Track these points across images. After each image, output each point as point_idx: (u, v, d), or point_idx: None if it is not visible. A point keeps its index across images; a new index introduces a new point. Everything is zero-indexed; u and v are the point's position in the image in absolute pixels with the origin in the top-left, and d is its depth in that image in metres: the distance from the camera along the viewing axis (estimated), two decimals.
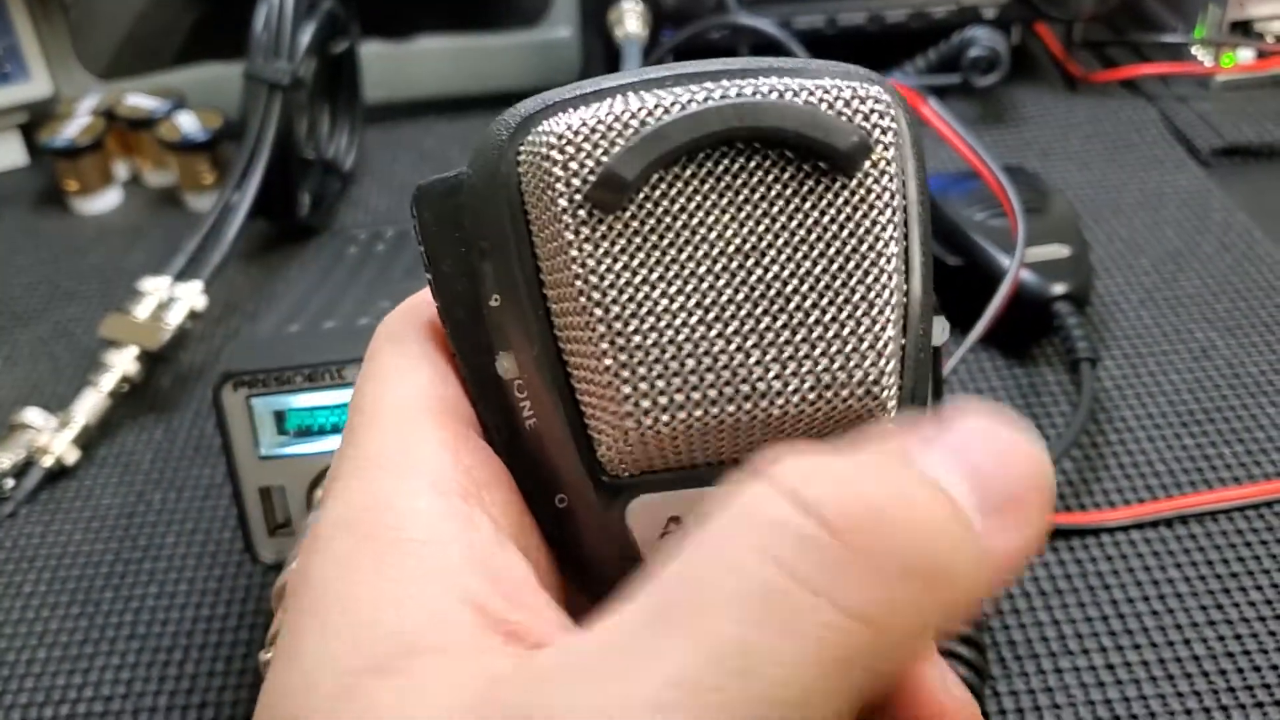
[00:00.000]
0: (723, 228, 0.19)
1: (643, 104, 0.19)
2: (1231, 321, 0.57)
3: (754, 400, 0.19)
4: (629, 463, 0.20)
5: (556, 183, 0.19)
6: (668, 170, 0.19)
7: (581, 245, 0.19)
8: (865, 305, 0.19)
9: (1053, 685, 0.42)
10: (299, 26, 0.63)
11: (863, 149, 0.19)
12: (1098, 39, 0.81)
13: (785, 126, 0.19)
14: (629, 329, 0.19)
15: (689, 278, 0.19)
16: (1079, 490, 0.49)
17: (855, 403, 0.20)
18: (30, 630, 0.46)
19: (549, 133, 0.19)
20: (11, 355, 0.62)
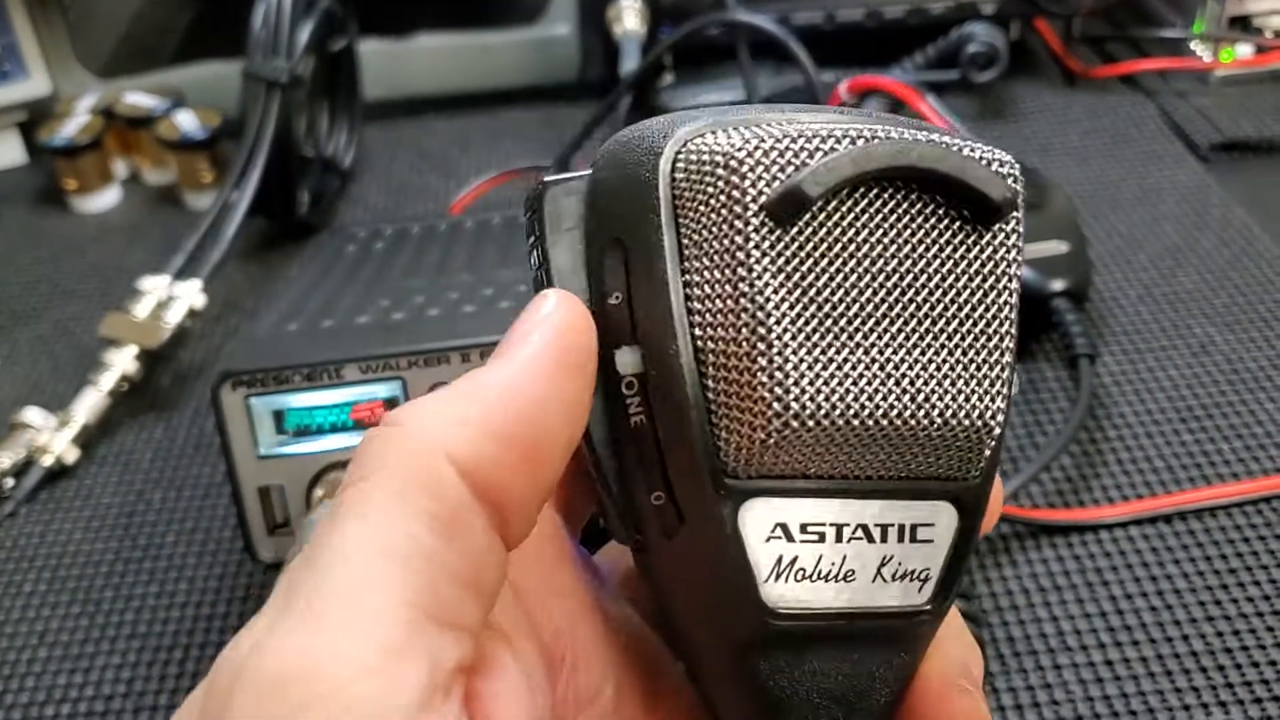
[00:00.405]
0: (877, 255, 0.21)
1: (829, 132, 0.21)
2: (1230, 317, 0.57)
3: (890, 419, 0.21)
4: (754, 465, 0.21)
5: (734, 190, 0.20)
6: (836, 196, 0.21)
7: (751, 251, 0.20)
8: (990, 347, 0.21)
9: (1051, 681, 0.42)
10: (297, 24, 0.63)
11: (1010, 203, 0.21)
12: (1096, 34, 0.81)
13: (952, 173, 0.21)
14: (786, 335, 0.20)
15: (843, 297, 0.21)
16: (1077, 486, 0.49)
17: (973, 435, 0.21)
18: (31, 629, 0.47)
19: (726, 144, 0.21)
20: (11, 354, 0.62)
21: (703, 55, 0.74)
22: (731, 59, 0.70)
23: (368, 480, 0.19)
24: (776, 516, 0.21)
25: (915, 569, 0.22)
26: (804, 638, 0.22)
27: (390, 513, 0.19)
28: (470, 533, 0.20)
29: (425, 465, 0.19)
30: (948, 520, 0.22)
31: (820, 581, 0.22)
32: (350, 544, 0.19)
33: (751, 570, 0.21)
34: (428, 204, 0.72)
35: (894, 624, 0.22)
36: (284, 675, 0.18)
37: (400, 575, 0.19)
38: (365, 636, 0.18)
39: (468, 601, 0.20)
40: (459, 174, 0.74)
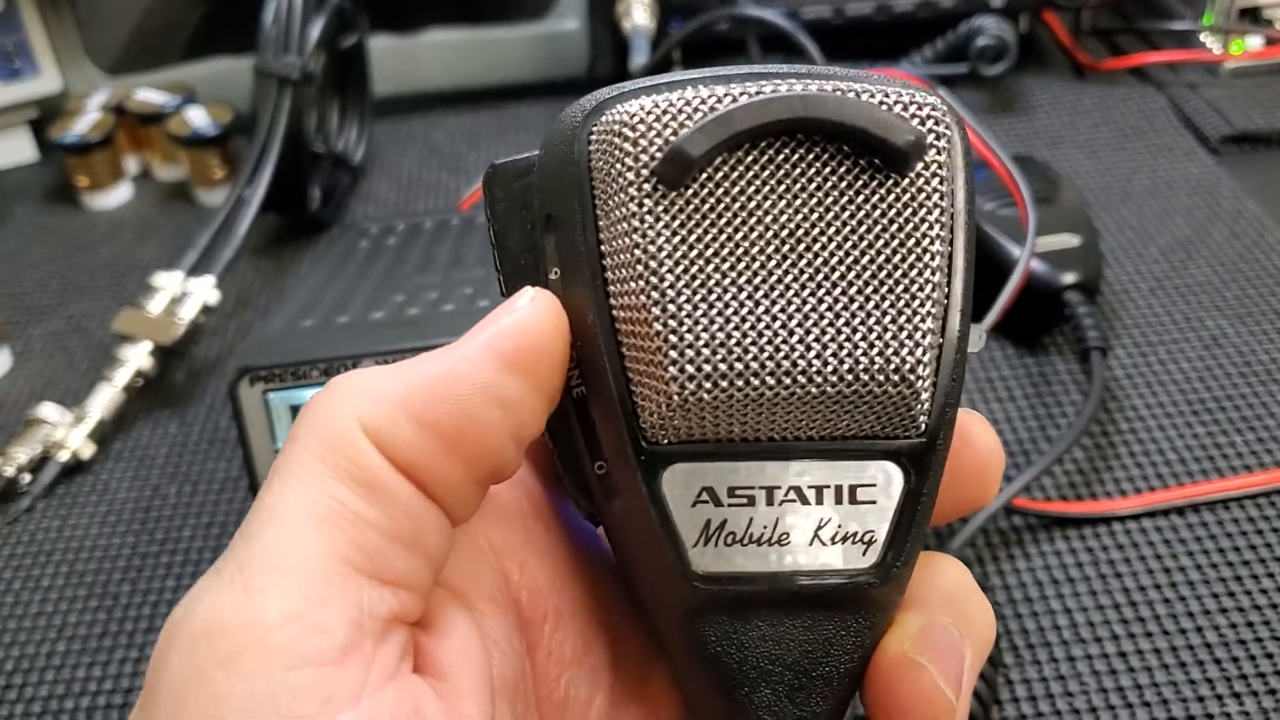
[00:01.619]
0: (779, 212, 0.20)
1: (712, 92, 0.20)
2: (1242, 309, 0.57)
3: (793, 376, 0.20)
4: (669, 430, 0.21)
5: (626, 157, 0.20)
6: (732, 154, 0.20)
7: (644, 217, 0.20)
8: (907, 297, 0.20)
9: (1065, 673, 0.42)
10: (308, 21, 0.64)
11: (917, 148, 0.20)
12: (1106, 27, 0.81)
13: (846, 120, 0.20)
14: (680, 298, 0.20)
15: (741, 255, 0.20)
16: (1090, 479, 0.49)
17: (891, 388, 0.20)
18: (49, 623, 0.47)
19: (622, 112, 0.20)
20: (25, 351, 0.62)
21: (712, 50, 0.74)
22: (741, 53, 0.70)
23: (294, 443, 0.20)
24: (702, 480, 0.21)
25: (857, 531, 0.22)
26: (742, 602, 0.22)
27: (312, 474, 0.20)
28: (396, 496, 0.20)
29: (341, 432, 0.20)
30: (892, 481, 0.22)
31: (753, 545, 0.21)
32: (277, 506, 0.20)
33: (678, 536, 0.21)
34: (437, 200, 0.72)
35: (839, 587, 0.22)
36: (212, 629, 0.19)
37: (324, 531, 0.19)
38: (289, 588, 0.19)
39: (403, 558, 0.20)
40: (468, 169, 0.74)
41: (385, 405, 0.20)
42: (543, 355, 0.21)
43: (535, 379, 0.21)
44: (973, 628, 0.23)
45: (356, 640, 0.19)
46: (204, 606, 0.19)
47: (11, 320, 0.64)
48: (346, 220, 0.70)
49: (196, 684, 0.18)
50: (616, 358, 0.21)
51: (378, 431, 0.20)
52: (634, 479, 0.21)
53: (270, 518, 0.20)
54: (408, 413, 0.20)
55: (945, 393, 0.21)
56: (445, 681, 0.21)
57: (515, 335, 0.21)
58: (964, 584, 0.23)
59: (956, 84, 0.73)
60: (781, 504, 0.21)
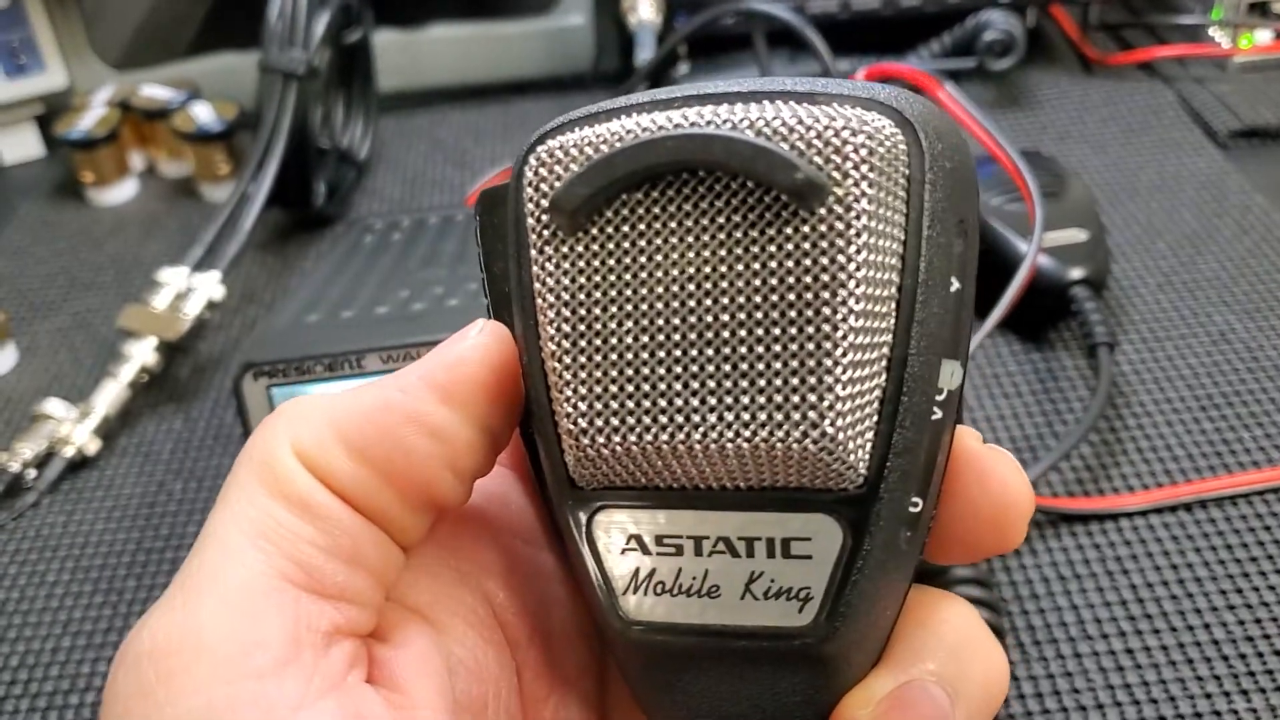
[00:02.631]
0: (679, 255, 0.19)
1: (615, 129, 0.19)
2: (1250, 305, 0.57)
3: (687, 431, 0.19)
4: (589, 475, 0.20)
5: (529, 201, 0.20)
6: (630, 195, 0.19)
7: (544, 264, 0.20)
8: (812, 346, 0.18)
9: (1072, 670, 0.42)
10: (313, 16, 0.63)
11: (812, 186, 0.18)
12: (1114, 21, 0.81)
13: (730, 161, 0.18)
14: (576, 348, 0.19)
15: (638, 303, 0.19)
16: (1097, 475, 0.49)
17: (796, 444, 0.19)
18: (54, 619, 0.47)
19: (539, 151, 0.20)
20: (31, 346, 0.62)
21: (718, 45, 0.74)
22: (747, 48, 0.70)
23: (236, 467, 0.21)
24: (629, 528, 0.21)
25: (791, 587, 0.20)
26: (677, 654, 0.21)
27: (249, 494, 0.20)
28: (331, 516, 0.20)
29: (275, 454, 0.20)
30: (829, 535, 0.20)
31: (682, 596, 0.20)
32: (218, 525, 0.20)
33: (609, 581, 0.21)
34: (442, 195, 0.72)
35: (773, 646, 0.20)
36: (155, 648, 0.19)
37: (261, 548, 0.20)
38: (227, 605, 0.19)
39: (344, 572, 0.20)
40: (473, 165, 0.74)
41: (319, 431, 0.21)
42: (478, 388, 0.21)
43: (469, 411, 0.21)
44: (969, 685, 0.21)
45: (294, 653, 0.19)
46: (149, 627, 0.20)
47: (17, 316, 0.64)
48: (351, 216, 0.70)
49: (140, 700, 0.19)
50: (545, 400, 0.20)
51: (310, 456, 0.20)
52: (568, 521, 0.21)
53: (210, 538, 0.20)
54: (340, 440, 0.20)
55: (890, 439, 0.19)
56: (401, 693, 0.21)
57: (451, 367, 0.21)
58: (963, 630, 0.21)
59: (964, 78, 0.73)
60: (710, 555, 0.20)
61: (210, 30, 0.82)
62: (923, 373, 0.19)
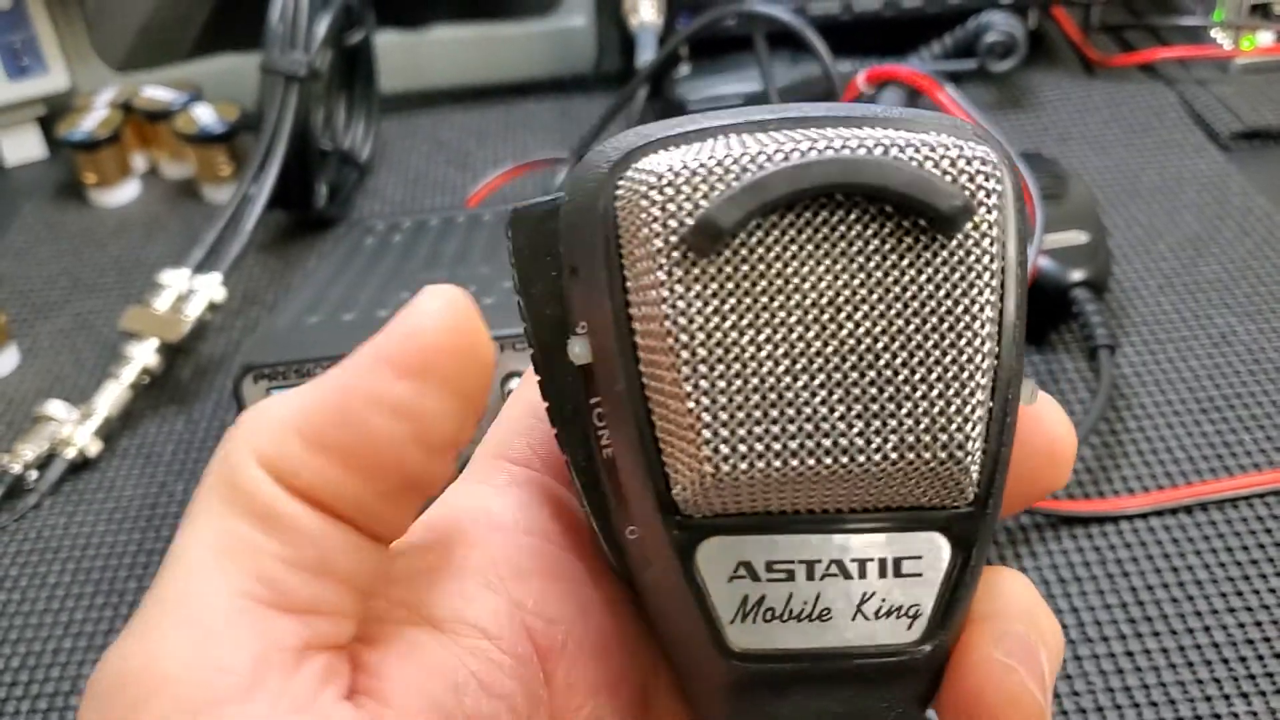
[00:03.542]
0: (817, 279, 0.19)
1: (745, 150, 0.19)
2: (1251, 307, 0.57)
3: (834, 455, 0.19)
4: (703, 504, 0.20)
5: (653, 222, 0.19)
6: (765, 218, 0.19)
7: (674, 286, 0.19)
8: (956, 368, 0.19)
9: (1072, 672, 0.42)
10: (315, 18, 0.64)
11: (965, 211, 0.19)
12: (1116, 22, 0.81)
13: (889, 185, 0.19)
14: (714, 373, 0.19)
15: (778, 326, 0.19)
16: (1098, 477, 0.49)
17: (938, 465, 0.19)
18: (55, 620, 0.47)
19: (649, 171, 0.19)
20: (33, 348, 0.62)
21: (719, 46, 0.73)
22: (748, 49, 0.70)
23: (200, 484, 0.20)
24: (739, 555, 0.20)
25: (902, 605, 0.21)
26: (780, 681, 0.21)
27: (212, 512, 0.20)
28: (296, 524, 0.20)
29: (237, 466, 0.20)
30: (939, 552, 0.20)
31: (792, 622, 0.20)
32: (178, 549, 0.20)
33: (714, 612, 0.20)
34: (444, 196, 0.72)
35: (882, 663, 0.21)
36: (122, 678, 0.19)
37: (223, 568, 0.19)
38: (191, 629, 0.19)
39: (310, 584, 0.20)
40: (475, 166, 0.74)
41: (278, 432, 0.20)
42: (439, 354, 0.20)
43: (433, 381, 0.20)
44: (1045, 637, 0.22)
45: (261, 675, 0.19)
46: (114, 658, 0.19)
47: (19, 317, 0.64)
48: (353, 217, 0.70)
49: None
50: (647, 426, 0.20)
51: (272, 460, 0.20)
52: (666, 551, 0.20)
53: (173, 561, 0.20)
54: (299, 436, 0.20)
55: (995, 458, 0.20)
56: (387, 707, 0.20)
57: (402, 340, 0.20)
58: (1031, 596, 0.22)
59: (965, 80, 0.73)
60: (823, 578, 0.20)
61: (212, 32, 0.82)
62: (1015, 392, 0.20)
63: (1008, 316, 0.20)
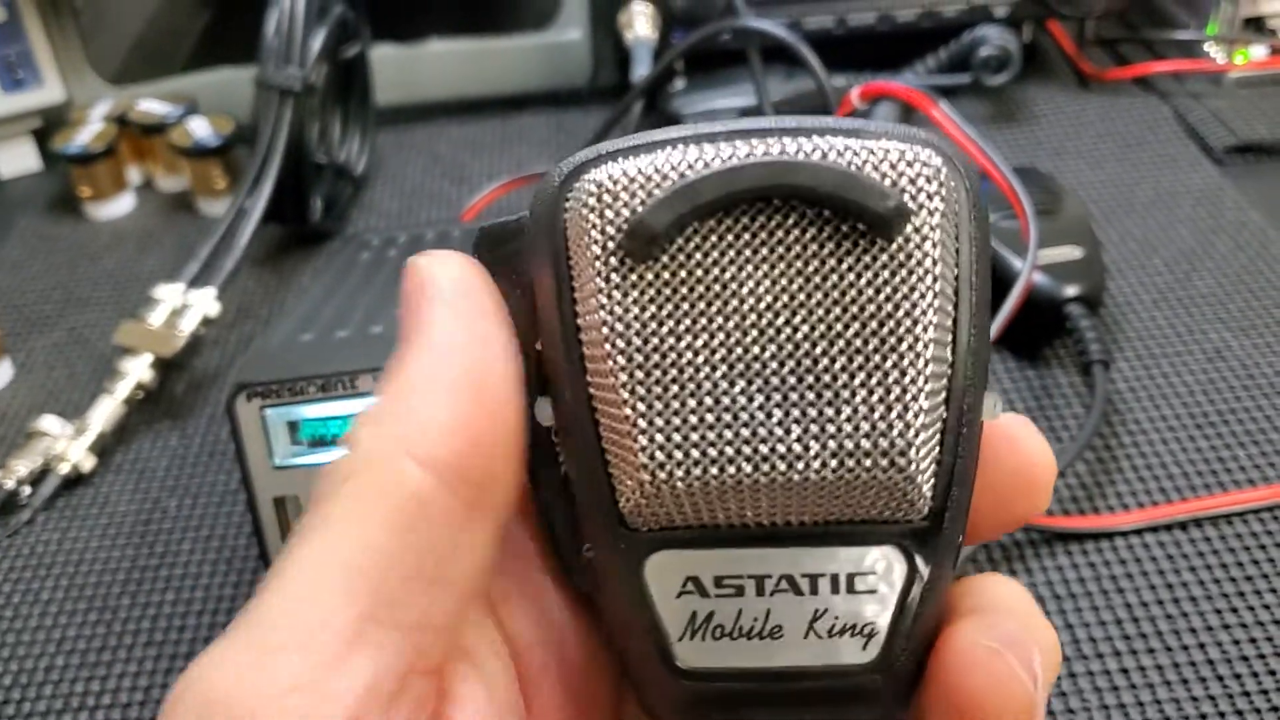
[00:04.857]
0: (754, 283, 0.19)
1: (683, 158, 0.19)
2: (1246, 322, 0.57)
3: (772, 463, 0.19)
4: (647, 516, 0.20)
5: (592, 229, 0.19)
6: (703, 223, 0.19)
7: (610, 293, 0.19)
8: (896, 373, 0.19)
9: (1066, 690, 0.41)
10: (310, 32, 0.64)
11: (900, 214, 0.19)
12: (1110, 36, 0.81)
13: (819, 186, 0.19)
14: (650, 379, 0.19)
15: (716, 332, 0.19)
16: (1092, 493, 0.49)
17: (880, 473, 0.19)
18: (48, 637, 0.47)
19: (592, 180, 0.19)
20: (27, 362, 0.62)
21: (714, 61, 0.74)
22: (743, 64, 0.70)
23: (328, 500, 0.20)
24: (686, 569, 0.20)
25: (856, 624, 0.20)
26: (730, 701, 0.20)
27: (347, 526, 0.19)
28: (432, 525, 0.19)
29: (385, 472, 0.19)
30: (893, 568, 0.20)
31: (743, 639, 0.20)
32: (302, 562, 0.19)
33: (662, 629, 0.20)
34: (440, 210, 0.72)
35: (835, 685, 0.20)
36: (215, 697, 0.18)
37: (348, 585, 0.19)
38: (300, 651, 0.18)
39: (429, 597, 0.19)
40: (471, 180, 0.74)
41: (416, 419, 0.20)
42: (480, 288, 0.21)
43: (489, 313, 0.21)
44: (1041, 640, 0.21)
45: (367, 704, 0.18)
46: (215, 668, 0.18)
47: (13, 331, 0.64)
48: (348, 231, 0.70)
49: None
50: (594, 438, 0.20)
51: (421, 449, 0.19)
52: (615, 566, 0.20)
53: (290, 574, 0.19)
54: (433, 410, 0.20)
55: (951, 471, 0.20)
56: None
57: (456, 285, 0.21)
58: (1027, 601, 0.22)
59: (959, 94, 0.73)
60: (773, 594, 0.20)
61: (207, 45, 0.82)
62: (975, 403, 0.20)
63: (962, 325, 0.19)
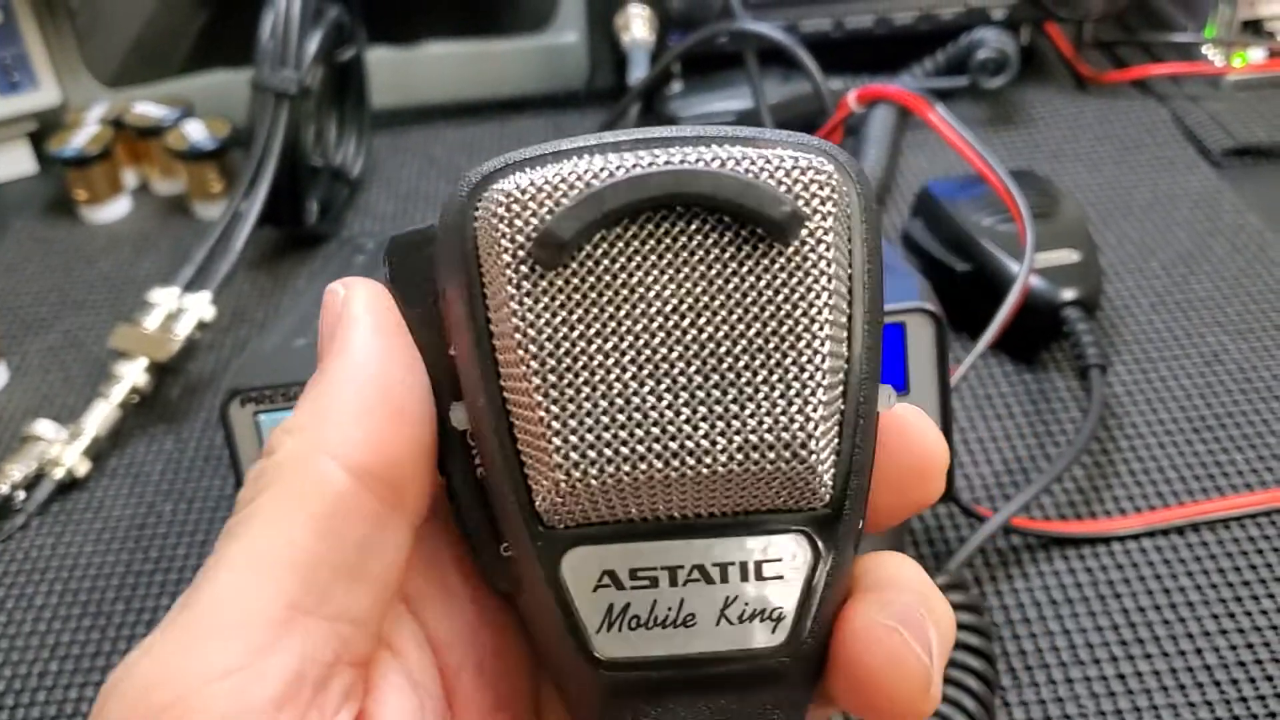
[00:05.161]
0: (660, 288, 0.20)
1: (589, 167, 0.20)
2: (1243, 325, 0.57)
3: (681, 458, 0.20)
4: (563, 514, 0.20)
5: (502, 238, 0.20)
6: (610, 230, 0.20)
7: (522, 299, 0.20)
8: (795, 369, 0.20)
9: (1063, 695, 0.41)
10: (305, 35, 0.63)
11: (795, 219, 0.20)
12: (1108, 39, 0.81)
13: (719, 194, 0.20)
14: (563, 381, 0.20)
15: (624, 334, 0.20)
16: (1089, 498, 0.49)
17: (783, 464, 0.20)
18: (42, 642, 0.47)
19: (500, 190, 0.20)
20: (22, 366, 0.62)
21: (711, 63, 0.74)
22: (740, 67, 0.70)
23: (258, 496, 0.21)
24: (602, 563, 0.21)
25: (765, 609, 0.21)
26: (651, 689, 0.21)
27: (273, 524, 0.20)
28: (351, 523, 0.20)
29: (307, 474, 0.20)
30: (799, 555, 0.21)
31: (658, 629, 0.21)
32: (230, 559, 0.20)
33: (580, 622, 0.21)
34: (436, 212, 0.71)
35: (748, 668, 0.21)
36: (149, 684, 0.19)
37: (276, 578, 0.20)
38: (229, 639, 0.19)
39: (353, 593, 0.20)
40: None
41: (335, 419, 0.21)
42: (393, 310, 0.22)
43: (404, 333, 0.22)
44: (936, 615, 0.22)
45: (295, 689, 0.19)
46: (145, 656, 0.19)
47: (8, 334, 0.64)
48: (344, 234, 0.70)
49: None
50: (509, 440, 0.20)
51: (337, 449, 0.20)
52: (533, 564, 0.21)
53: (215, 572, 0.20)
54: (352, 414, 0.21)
55: (850, 460, 0.21)
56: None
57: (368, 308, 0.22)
58: (922, 578, 0.23)
59: (957, 97, 0.73)
60: (686, 584, 0.21)
61: (203, 48, 0.82)
62: (870, 395, 0.21)
63: (856, 321, 0.21)
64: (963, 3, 0.74)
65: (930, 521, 0.48)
